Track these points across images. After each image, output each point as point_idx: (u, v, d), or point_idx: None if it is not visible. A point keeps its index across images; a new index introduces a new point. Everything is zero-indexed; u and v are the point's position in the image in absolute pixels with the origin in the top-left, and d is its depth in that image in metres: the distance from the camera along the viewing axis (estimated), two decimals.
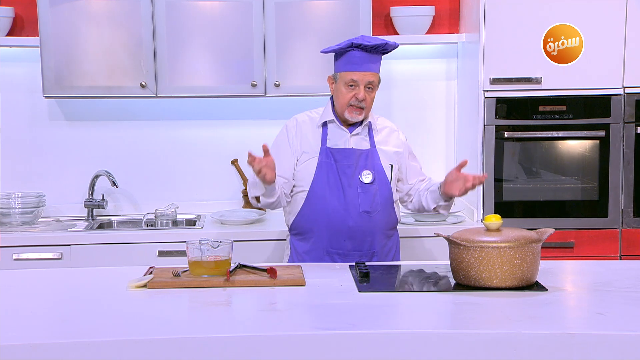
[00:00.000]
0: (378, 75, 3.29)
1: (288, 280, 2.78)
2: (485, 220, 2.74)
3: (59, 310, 2.59)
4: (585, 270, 3.05)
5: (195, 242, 2.84)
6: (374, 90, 3.28)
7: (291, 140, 3.36)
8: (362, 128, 3.34)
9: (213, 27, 4.14)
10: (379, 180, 3.30)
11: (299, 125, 3.38)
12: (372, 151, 3.32)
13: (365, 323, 2.40)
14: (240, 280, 2.77)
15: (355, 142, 3.32)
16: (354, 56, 3.23)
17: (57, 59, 4.12)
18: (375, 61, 3.26)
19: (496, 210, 4.09)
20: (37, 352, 2.16)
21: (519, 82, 4.08)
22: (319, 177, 3.29)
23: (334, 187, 3.27)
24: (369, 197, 3.28)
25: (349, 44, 3.21)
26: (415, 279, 2.91)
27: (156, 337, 2.24)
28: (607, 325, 2.32)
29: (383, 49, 3.25)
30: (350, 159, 3.29)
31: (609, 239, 4.15)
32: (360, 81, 3.23)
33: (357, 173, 3.29)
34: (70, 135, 4.51)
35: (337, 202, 3.27)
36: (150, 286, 2.74)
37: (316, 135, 3.34)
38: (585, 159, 4.18)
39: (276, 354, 2.22)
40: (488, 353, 2.23)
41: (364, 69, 3.23)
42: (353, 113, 3.27)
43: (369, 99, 3.26)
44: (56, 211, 4.48)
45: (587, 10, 4.04)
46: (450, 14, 4.53)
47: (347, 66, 3.25)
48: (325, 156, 3.29)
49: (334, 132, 3.33)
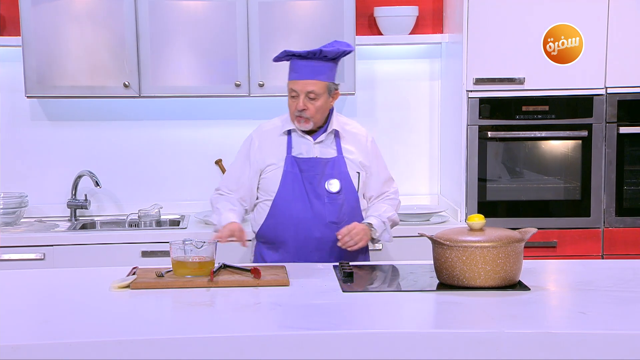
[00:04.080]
0: (322, 84, 3.15)
1: (272, 280, 2.77)
2: (469, 220, 2.75)
3: (40, 311, 2.57)
4: (568, 270, 3.07)
5: (179, 243, 2.83)
6: (318, 99, 3.15)
7: (253, 155, 3.28)
8: (326, 135, 3.25)
9: (196, 26, 4.13)
10: (345, 189, 3.24)
11: (263, 136, 3.30)
12: (339, 159, 3.25)
13: (349, 323, 2.41)
14: (224, 281, 2.77)
15: (320, 150, 3.25)
16: (295, 64, 3.16)
17: (39, 59, 4.09)
18: (320, 69, 3.14)
19: (480, 210, 4.10)
20: (18, 353, 2.15)
21: (502, 83, 4.09)
22: (284, 187, 3.22)
23: (299, 198, 3.21)
24: (336, 207, 3.22)
25: (284, 53, 3.16)
26: (399, 279, 2.92)
27: (138, 338, 2.23)
28: (589, 325, 2.33)
29: (324, 56, 3.13)
30: (315, 169, 3.22)
31: (591, 238, 4.17)
32: (299, 91, 3.14)
33: (323, 182, 3.22)
34: (53, 135, 4.49)
35: (303, 213, 3.21)
36: (133, 287, 2.73)
37: (282, 144, 3.26)
38: (567, 158, 4.21)
39: (259, 354, 2.22)
40: (471, 352, 2.23)
41: (303, 77, 3.14)
42: (300, 123, 3.19)
43: (312, 109, 3.16)
44: (39, 211, 4.45)
45: (569, 11, 4.05)
46: (433, 14, 4.54)
47: (289, 75, 3.19)
48: (290, 165, 3.22)
49: (298, 140, 3.25)
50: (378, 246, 3.21)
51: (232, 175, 3.35)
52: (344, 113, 4.57)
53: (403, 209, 4.26)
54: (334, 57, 3.18)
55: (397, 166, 4.65)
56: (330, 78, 3.20)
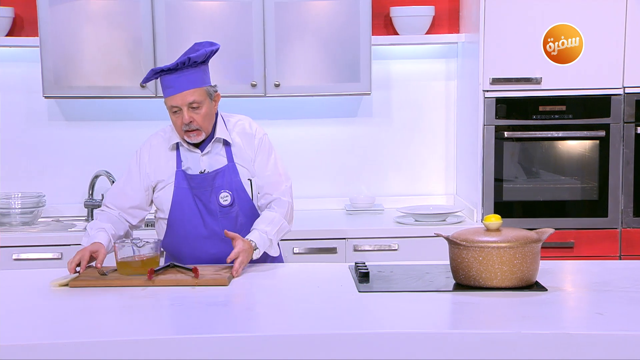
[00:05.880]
0: (201, 90, 3.02)
1: (210, 280, 2.78)
2: (485, 220, 2.74)
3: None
4: (585, 270, 3.05)
5: (121, 241, 2.89)
6: (201, 106, 3.01)
7: (143, 170, 3.15)
8: (212, 145, 3.11)
9: (213, 27, 4.14)
10: (238, 199, 3.10)
11: (152, 150, 3.15)
12: (230, 167, 3.11)
13: (365, 323, 2.40)
14: (162, 280, 2.79)
15: (208, 161, 3.11)
16: (165, 80, 3.01)
17: (56, 59, 4.12)
18: (193, 76, 3.01)
19: (496, 211, 4.09)
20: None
21: (519, 82, 4.07)
22: (175, 205, 3.10)
23: (192, 215, 3.09)
24: (231, 221, 3.10)
25: (152, 72, 3.03)
26: (415, 279, 2.91)
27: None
28: (606, 325, 2.31)
29: (194, 62, 2.99)
30: (203, 183, 3.08)
31: (608, 239, 4.15)
32: (181, 105, 2.99)
33: (214, 196, 3.09)
34: (70, 135, 4.51)
35: (197, 230, 3.10)
36: (72, 285, 2.76)
37: (171, 158, 3.13)
38: (585, 159, 4.18)
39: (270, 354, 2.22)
40: (487, 353, 2.22)
41: (180, 89, 2.99)
42: (190, 136, 3.04)
43: (198, 118, 3.01)
44: (56, 211, 4.48)
45: (587, 10, 4.03)
46: (450, 14, 4.53)
47: (164, 92, 3.04)
48: (180, 181, 3.09)
49: (186, 154, 3.12)
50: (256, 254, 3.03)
51: (116, 189, 3.23)
52: (360, 113, 4.59)
53: (419, 209, 4.28)
54: (204, 59, 3.04)
55: (413, 166, 4.66)
56: (206, 82, 3.06)
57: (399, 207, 4.35)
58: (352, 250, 4.01)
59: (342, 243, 4.02)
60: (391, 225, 4.13)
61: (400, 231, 4.06)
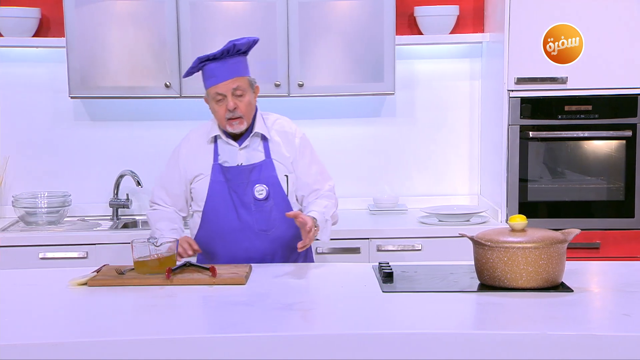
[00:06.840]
0: (243, 79, 3.11)
1: (228, 279, 2.78)
2: (510, 221, 2.72)
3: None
4: (611, 271, 3.02)
5: (140, 241, 2.89)
6: (245, 94, 3.10)
7: (182, 166, 3.22)
8: (250, 139, 3.17)
9: (237, 27, 4.15)
10: (274, 194, 3.14)
11: (191, 145, 3.24)
12: (267, 163, 3.16)
13: (389, 323, 2.40)
14: (179, 279, 2.79)
15: (246, 155, 3.16)
16: (209, 69, 3.09)
17: (82, 60, 4.15)
18: (237, 65, 3.09)
19: (521, 211, 4.07)
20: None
21: (544, 82, 4.05)
22: (211, 197, 3.15)
23: (227, 207, 3.13)
24: (265, 215, 3.14)
25: (198, 61, 3.09)
26: (439, 279, 2.90)
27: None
28: (632, 327, 2.30)
29: (237, 50, 3.08)
30: (240, 176, 3.13)
31: (635, 239, 4.11)
32: (225, 92, 3.08)
33: (250, 190, 3.13)
34: (95, 135, 4.54)
35: (231, 223, 3.13)
36: (90, 284, 2.77)
37: (208, 152, 3.19)
38: (611, 159, 4.15)
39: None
40: (513, 354, 2.22)
41: (225, 78, 3.07)
42: (233, 125, 3.11)
43: (242, 105, 3.09)
44: (81, 211, 4.51)
45: (605, 10, 4.00)
46: (474, 14, 4.51)
47: (208, 81, 3.11)
48: (217, 174, 3.15)
49: (223, 147, 3.18)
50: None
51: (163, 187, 3.29)
52: (383, 113, 4.59)
53: (443, 209, 4.26)
54: (247, 49, 3.12)
55: (437, 166, 4.64)
56: (247, 72, 3.14)
57: (422, 207, 4.34)
58: (376, 250, 4.00)
59: (366, 243, 4.02)
60: (415, 225, 4.12)
61: (424, 231, 4.05)
